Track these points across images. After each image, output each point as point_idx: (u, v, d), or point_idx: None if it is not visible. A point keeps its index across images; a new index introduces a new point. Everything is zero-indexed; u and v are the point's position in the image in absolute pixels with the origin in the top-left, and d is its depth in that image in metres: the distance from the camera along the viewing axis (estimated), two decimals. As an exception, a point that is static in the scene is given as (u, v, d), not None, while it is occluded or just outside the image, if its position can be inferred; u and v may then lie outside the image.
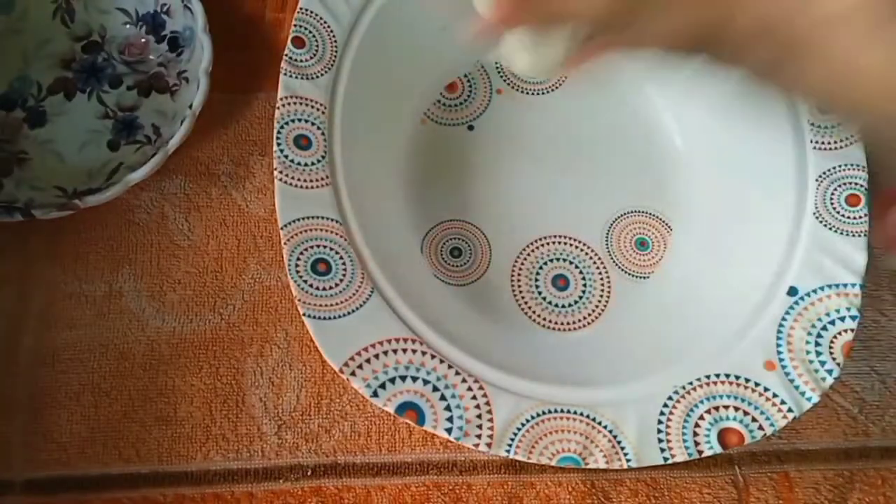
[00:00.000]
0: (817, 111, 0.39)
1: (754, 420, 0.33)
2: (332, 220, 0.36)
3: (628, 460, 0.32)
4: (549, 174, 0.42)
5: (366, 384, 0.33)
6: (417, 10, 0.42)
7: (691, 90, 0.42)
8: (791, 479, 0.39)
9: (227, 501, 0.38)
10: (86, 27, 0.46)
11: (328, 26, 0.39)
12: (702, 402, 0.33)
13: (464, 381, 0.33)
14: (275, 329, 0.41)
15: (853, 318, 0.35)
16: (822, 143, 0.38)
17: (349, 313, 0.34)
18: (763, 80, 0.27)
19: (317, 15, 0.39)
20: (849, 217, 0.37)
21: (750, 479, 0.39)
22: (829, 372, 0.34)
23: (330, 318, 0.34)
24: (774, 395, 0.33)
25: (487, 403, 0.33)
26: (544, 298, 0.41)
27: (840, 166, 0.38)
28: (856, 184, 0.38)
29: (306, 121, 0.37)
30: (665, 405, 0.33)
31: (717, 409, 0.33)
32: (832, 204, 0.37)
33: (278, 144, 0.36)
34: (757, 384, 0.34)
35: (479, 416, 0.33)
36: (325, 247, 0.35)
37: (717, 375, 0.34)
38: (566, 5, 0.27)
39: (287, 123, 0.37)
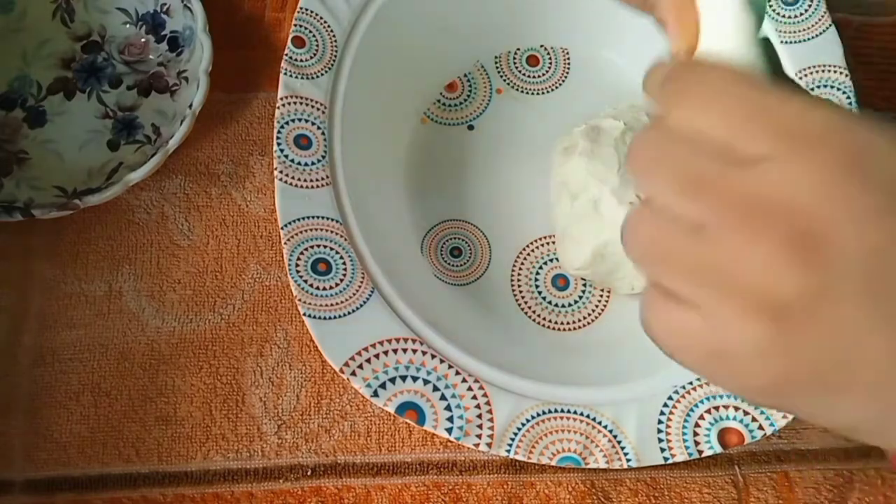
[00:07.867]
0: None
1: (754, 420, 0.33)
2: (332, 219, 0.36)
3: (628, 460, 0.32)
4: (549, 174, 0.42)
5: (366, 384, 0.32)
6: (417, 10, 0.42)
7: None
8: (791, 479, 0.39)
9: (227, 501, 0.38)
10: (86, 27, 0.46)
11: (328, 26, 0.39)
12: (702, 401, 0.33)
13: (464, 380, 0.33)
14: (275, 329, 0.41)
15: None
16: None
17: (349, 313, 0.34)
18: None
19: (317, 14, 0.39)
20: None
21: (750, 479, 0.39)
22: (829, 372, 0.34)
23: (330, 318, 0.34)
24: (774, 395, 0.33)
25: (488, 403, 0.33)
26: (544, 298, 0.41)
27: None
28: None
29: (306, 120, 0.37)
30: (665, 405, 0.33)
31: (717, 408, 0.33)
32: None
33: (278, 144, 0.36)
34: (757, 384, 0.34)
35: (480, 416, 0.33)
36: (325, 247, 0.35)
37: (718, 375, 0.34)
38: None
39: (287, 123, 0.37)
